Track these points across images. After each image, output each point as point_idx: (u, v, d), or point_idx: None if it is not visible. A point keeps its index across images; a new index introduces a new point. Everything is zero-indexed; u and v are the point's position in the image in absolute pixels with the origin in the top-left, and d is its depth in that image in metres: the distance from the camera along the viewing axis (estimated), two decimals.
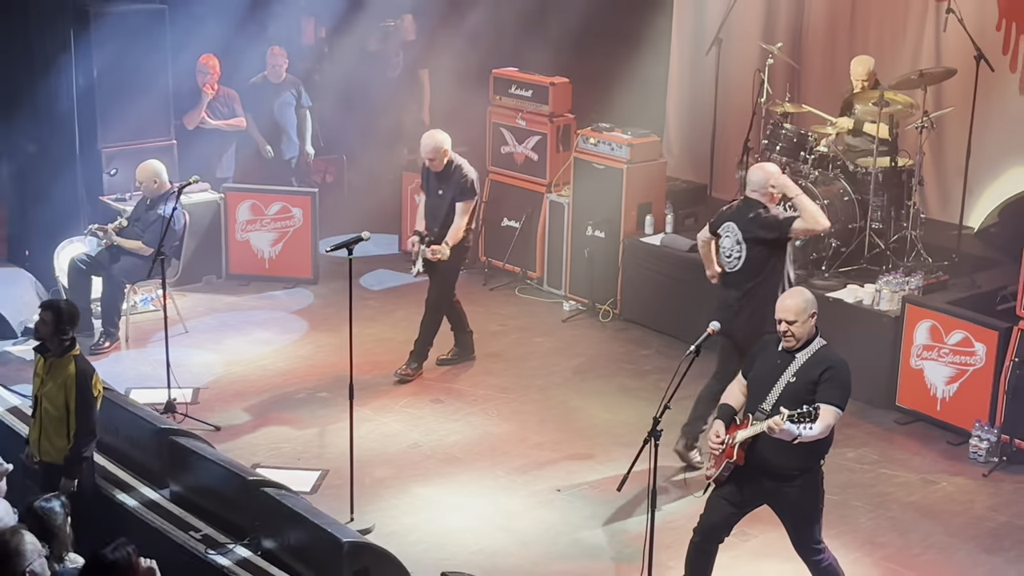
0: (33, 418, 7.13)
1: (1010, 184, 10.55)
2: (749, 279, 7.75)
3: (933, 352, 8.57)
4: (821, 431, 5.97)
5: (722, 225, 7.90)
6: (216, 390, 9.06)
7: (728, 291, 7.85)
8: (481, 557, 7.03)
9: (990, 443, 8.16)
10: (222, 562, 6.86)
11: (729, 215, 7.93)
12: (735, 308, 7.70)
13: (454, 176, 9.05)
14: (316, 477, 7.87)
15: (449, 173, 9.06)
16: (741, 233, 7.75)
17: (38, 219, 10.58)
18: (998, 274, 9.64)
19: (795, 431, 5.90)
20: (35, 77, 10.39)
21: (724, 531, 6.36)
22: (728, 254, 7.85)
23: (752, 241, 7.70)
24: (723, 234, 7.91)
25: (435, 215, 9.17)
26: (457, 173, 9.06)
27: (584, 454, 8.24)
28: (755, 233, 7.68)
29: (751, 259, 7.73)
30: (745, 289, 7.73)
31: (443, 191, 9.07)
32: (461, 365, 9.49)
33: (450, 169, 9.06)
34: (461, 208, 9.04)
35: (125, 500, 7.50)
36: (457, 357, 9.53)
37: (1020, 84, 10.49)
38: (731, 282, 7.85)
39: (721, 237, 7.92)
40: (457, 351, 9.55)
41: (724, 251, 7.90)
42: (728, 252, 7.85)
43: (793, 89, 11.01)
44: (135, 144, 10.76)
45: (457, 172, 9.06)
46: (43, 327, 6.98)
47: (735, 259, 7.81)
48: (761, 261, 7.72)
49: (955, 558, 7.18)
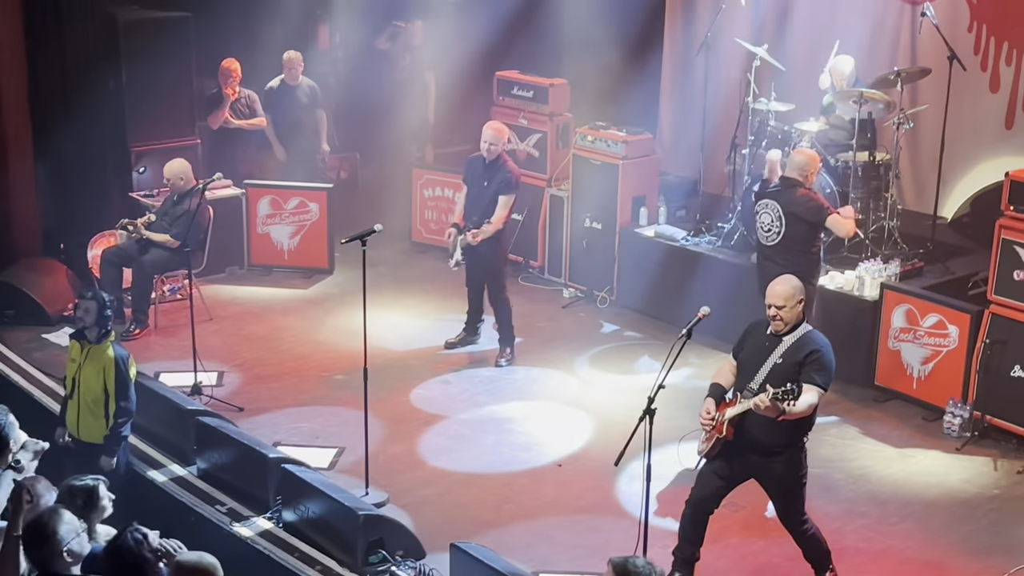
0: (70, 399, 7.14)
1: (981, 177, 10.52)
2: (787, 254, 8.04)
3: (909, 334, 8.56)
4: (804, 409, 5.97)
5: (760, 202, 8.18)
6: (239, 373, 9.07)
7: (768, 264, 8.09)
8: (488, 528, 7.04)
9: (963, 419, 8.16)
10: (246, 533, 6.89)
11: (765, 193, 8.30)
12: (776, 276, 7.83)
13: (501, 170, 9.01)
14: (333, 454, 7.87)
15: (498, 166, 9.02)
16: (781, 209, 8.04)
17: (72, 214, 10.58)
18: (970, 261, 9.63)
19: (780, 407, 5.91)
20: (68, 82, 10.40)
21: (714, 503, 6.37)
22: (768, 229, 8.11)
23: (791, 217, 8.03)
24: (761, 210, 8.17)
25: (477, 205, 9.10)
26: (504, 168, 9.03)
27: (583, 431, 8.24)
28: (795, 211, 8.03)
29: (789, 235, 8.06)
30: (783, 262, 7.95)
31: (488, 183, 9.02)
32: (468, 350, 9.48)
33: (499, 162, 9.03)
34: (503, 201, 8.98)
35: (155, 476, 7.53)
36: (462, 342, 9.49)
37: (991, 83, 10.46)
38: (770, 255, 8.15)
39: (759, 214, 8.18)
40: (464, 335, 9.52)
41: (763, 227, 8.16)
42: (768, 227, 8.10)
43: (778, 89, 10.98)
44: (162, 144, 10.75)
45: (504, 167, 9.04)
46: (87, 316, 7.00)
47: (774, 234, 8.11)
48: (798, 239, 8.07)
49: (930, 526, 7.19)
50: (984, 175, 10.45)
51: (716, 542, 6.63)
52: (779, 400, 5.87)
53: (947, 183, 10.26)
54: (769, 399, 5.89)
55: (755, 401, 5.97)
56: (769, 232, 8.16)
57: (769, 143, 9.68)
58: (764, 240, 8.23)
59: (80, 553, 4.88)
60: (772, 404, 5.89)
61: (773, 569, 6.71)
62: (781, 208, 8.11)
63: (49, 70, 10.33)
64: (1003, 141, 10.41)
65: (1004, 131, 10.45)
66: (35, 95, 10.40)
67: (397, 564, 6.43)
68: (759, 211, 8.25)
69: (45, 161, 10.57)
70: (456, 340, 9.50)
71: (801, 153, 8.46)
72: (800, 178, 8.15)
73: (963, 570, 6.74)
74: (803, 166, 8.21)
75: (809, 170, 8.21)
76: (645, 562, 4.66)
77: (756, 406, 5.96)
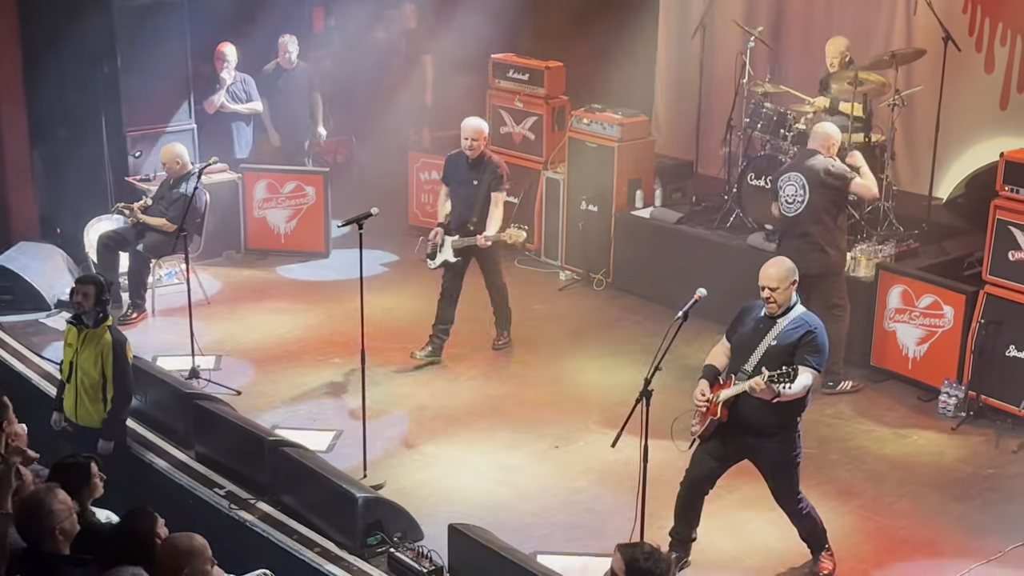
0: (67, 384, 7.14)
1: (976, 157, 10.52)
2: (813, 223, 8.11)
3: (905, 315, 8.57)
4: (799, 390, 5.99)
5: (782, 177, 8.27)
6: (237, 357, 9.06)
7: (790, 242, 8.15)
8: (485, 510, 7.05)
9: (958, 399, 8.17)
10: (244, 516, 6.90)
11: (788, 167, 8.39)
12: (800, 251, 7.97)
13: (489, 166, 8.73)
14: (331, 437, 7.88)
15: (483, 162, 8.74)
16: (804, 177, 8.13)
17: (68, 199, 10.57)
18: (965, 242, 9.63)
19: (776, 389, 5.92)
20: (64, 67, 10.37)
21: (708, 484, 6.38)
22: (791, 200, 8.18)
23: (816, 185, 8.10)
24: (784, 184, 8.25)
25: (471, 204, 8.75)
26: (492, 163, 8.75)
27: (580, 413, 8.25)
28: (820, 178, 8.10)
29: (812, 203, 8.13)
30: (807, 231, 8.09)
31: (478, 181, 8.72)
32: (465, 334, 9.47)
33: (484, 158, 8.75)
34: (497, 198, 8.74)
35: (154, 460, 7.54)
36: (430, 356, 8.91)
37: (985, 63, 10.45)
38: (793, 229, 8.22)
39: (783, 188, 8.25)
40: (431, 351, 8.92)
41: (787, 199, 8.23)
42: (791, 199, 8.19)
43: (773, 71, 10.96)
44: (158, 128, 10.74)
45: (492, 162, 8.76)
46: (86, 300, 6.99)
47: (797, 203, 8.19)
48: (823, 207, 8.12)
49: (925, 506, 7.21)
50: (979, 156, 10.45)
51: (712, 522, 6.65)
52: (775, 383, 5.88)
53: (942, 164, 10.25)
54: (764, 382, 5.90)
55: (750, 383, 5.98)
56: (792, 203, 8.21)
57: (765, 125, 9.67)
58: (788, 212, 8.27)
59: (71, 532, 4.90)
60: (767, 387, 5.91)
61: (769, 549, 6.73)
62: (804, 176, 8.18)
63: (44, 55, 10.30)
64: (998, 122, 10.40)
65: (999, 112, 10.44)
66: (30, 80, 10.37)
67: (395, 546, 6.45)
68: (783, 185, 8.30)
69: (41, 146, 10.55)
70: (425, 358, 8.84)
71: (823, 125, 8.56)
72: (822, 149, 8.26)
73: (958, 548, 6.76)
74: (825, 137, 8.31)
75: (831, 141, 8.32)
76: (653, 549, 4.66)
77: (752, 388, 5.97)
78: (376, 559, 6.47)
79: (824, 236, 8.17)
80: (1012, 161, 7.97)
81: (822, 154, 8.25)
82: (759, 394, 5.97)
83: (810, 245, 8.13)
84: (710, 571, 6.54)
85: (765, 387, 5.93)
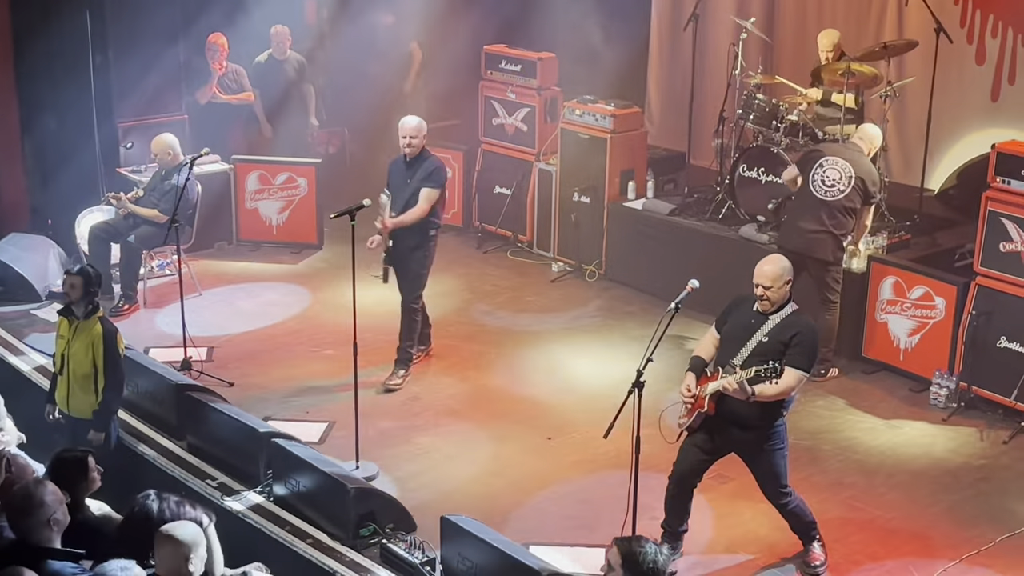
0: (59, 376, 7.13)
1: (968, 149, 10.53)
2: (837, 212, 8.23)
3: (896, 306, 8.58)
4: (780, 392, 5.98)
5: (826, 158, 8.34)
6: (229, 348, 9.05)
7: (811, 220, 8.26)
8: (478, 501, 7.05)
9: (949, 390, 8.18)
10: (236, 507, 6.89)
11: (834, 151, 8.44)
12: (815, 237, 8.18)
13: (424, 164, 8.21)
14: (323, 428, 7.87)
15: (421, 161, 8.22)
16: (853, 171, 8.23)
17: (59, 190, 10.52)
18: (957, 233, 9.64)
19: (750, 390, 5.91)
20: (54, 56, 10.30)
21: (696, 477, 6.38)
22: (832, 184, 8.25)
23: (859, 182, 8.23)
24: (828, 165, 8.31)
25: (404, 205, 8.18)
26: (430, 160, 8.24)
27: (572, 405, 8.25)
28: (864, 178, 8.23)
29: (848, 196, 8.24)
30: (828, 219, 8.21)
31: (411, 180, 8.21)
32: (457, 324, 9.48)
33: (423, 157, 8.24)
34: (425, 194, 8.14)
35: (146, 451, 7.53)
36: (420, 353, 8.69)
37: (977, 55, 10.46)
38: (818, 207, 8.27)
39: (825, 168, 8.31)
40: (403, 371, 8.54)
41: (827, 181, 8.28)
42: (832, 183, 8.25)
43: (765, 62, 10.96)
44: (149, 119, 10.71)
45: (430, 159, 8.25)
46: (73, 291, 6.98)
47: (837, 191, 8.26)
48: (851, 206, 8.27)
49: (916, 496, 7.22)
50: (971, 147, 10.46)
51: (704, 513, 6.66)
52: (761, 378, 5.87)
53: (934, 155, 10.27)
54: (737, 382, 5.90)
55: (723, 384, 5.99)
56: (833, 187, 8.27)
57: (757, 116, 9.67)
58: (822, 194, 8.30)
59: (63, 523, 4.89)
60: (740, 388, 5.91)
61: (761, 539, 6.74)
62: (853, 169, 8.26)
63: (35, 45, 10.25)
64: (989, 113, 10.42)
65: (990, 103, 10.46)
66: (21, 70, 10.33)
67: (388, 537, 6.44)
68: (825, 166, 8.33)
69: (32, 137, 10.51)
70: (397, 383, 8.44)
71: (872, 127, 8.64)
72: (864, 147, 8.38)
73: (949, 539, 6.77)
74: (871, 137, 8.44)
75: (874, 143, 8.45)
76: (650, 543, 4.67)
77: (724, 388, 5.98)
78: (368, 550, 6.46)
79: (840, 228, 8.31)
80: (1004, 153, 7.97)
81: (864, 156, 8.37)
82: (732, 394, 5.97)
83: (827, 233, 8.27)
84: (702, 562, 6.54)
85: (738, 388, 5.93)
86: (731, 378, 5.97)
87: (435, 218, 8.32)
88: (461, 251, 10.95)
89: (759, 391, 5.95)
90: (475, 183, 11.23)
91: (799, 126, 9.61)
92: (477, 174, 11.21)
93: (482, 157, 11.22)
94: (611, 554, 4.65)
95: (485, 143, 11.24)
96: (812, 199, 8.34)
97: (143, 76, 10.57)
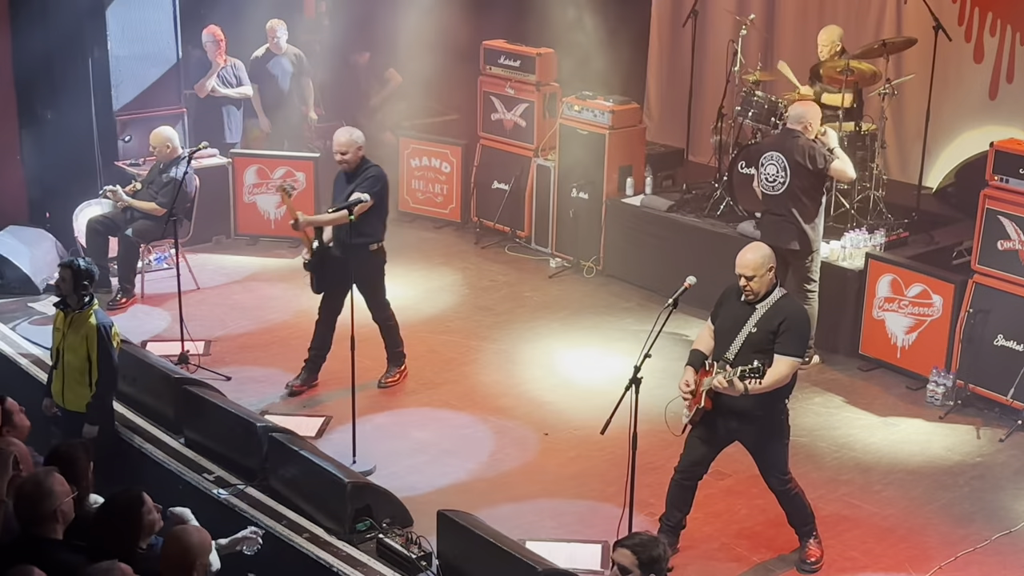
0: (55, 369, 7.12)
1: (966, 147, 10.53)
2: (792, 203, 8.19)
3: (894, 304, 8.58)
4: (773, 383, 5.97)
5: (764, 155, 8.34)
6: (226, 342, 9.04)
7: (770, 219, 8.32)
8: (474, 496, 7.05)
9: (946, 388, 8.19)
10: (233, 502, 6.89)
11: (769, 145, 8.44)
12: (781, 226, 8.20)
13: (365, 172, 7.89)
14: (320, 423, 7.87)
15: (361, 171, 7.89)
16: (786, 158, 8.18)
17: (57, 183, 10.52)
18: (954, 231, 9.65)
19: (741, 386, 5.91)
20: (52, 49, 10.30)
21: (702, 468, 6.39)
22: (772, 179, 8.26)
23: (796, 166, 8.16)
24: (766, 163, 8.31)
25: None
26: (369, 170, 7.90)
27: (569, 400, 8.25)
28: (800, 159, 8.14)
29: (794, 184, 8.19)
30: (788, 210, 8.18)
31: (351, 188, 7.88)
32: (457, 321, 9.47)
33: (363, 167, 7.90)
34: (358, 196, 7.72)
35: (143, 445, 7.52)
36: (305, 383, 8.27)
37: (975, 53, 10.46)
38: (773, 207, 8.31)
39: (764, 166, 8.31)
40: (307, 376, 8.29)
41: (768, 178, 8.29)
42: (772, 178, 8.25)
43: (765, 59, 10.95)
44: (148, 112, 10.70)
45: (370, 169, 7.91)
46: (63, 284, 6.98)
47: (779, 183, 8.26)
48: (803, 188, 8.19)
49: (912, 494, 7.22)
50: (969, 145, 10.47)
51: (701, 509, 6.66)
52: (745, 378, 5.88)
53: (932, 153, 10.27)
54: (727, 380, 5.91)
55: (714, 382, 5.99)
56: (774, 182, 8.27)
57: (756, 113, 9.66)
58: (769, 190, 8.32)
59: (69, 515, 4.90)
60: (730, 385, 5.90)
61: (757, 535, 6.75)
62: (785, 157, 8.22)
63: (33, 38, 10.24)
64: (987, 111, 10.42)
65: (988, 101, 10.46)
66: (19, 63, 10.31)
67: (384, 532, 6.45)
68: (764, 163, 8.35)
69: (30, 130, 10.50)
70: (300, 385, 8.25)
71: (800, 104, 8.58)
72: (800, 128, 8.27)
73: (945, 537, 6.78)
74: (802, 116, 8.33)
75: (808, 119, 8.31)
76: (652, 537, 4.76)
77: (715, 387, 5.99)
78: (365, 545, 6.46)
79: (804, 215, 8.27)
80: (1002, 151, 7.97)
81: (802, 134, 8.27)
82: (723, 391, 5.98)
83: (790, 223, 8.25)
84: (699, 558, 6.55)
85: (728, 386, 5.93)
86: (719, 377, 5.97)
87: (371, 230, 7.90)
88: (459, 246, 10.95)
89: (752, 386, 5.94)
90: (473, 178, 11.22)
91: None
92: (475, 169, 11.21)
93: (480, 152, 11.22)
94: (621, 556, 4.66)
95: (483, 138, 11.23)
96: (768, 199, 8.40)
97: (142, 69, 10.56)
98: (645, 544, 4.68)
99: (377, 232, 7.98)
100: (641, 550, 4.66)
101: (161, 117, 10.58)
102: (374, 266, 8.04)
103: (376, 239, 7.98)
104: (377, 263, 8.05)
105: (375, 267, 8.05)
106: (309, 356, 8.31)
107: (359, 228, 7.70)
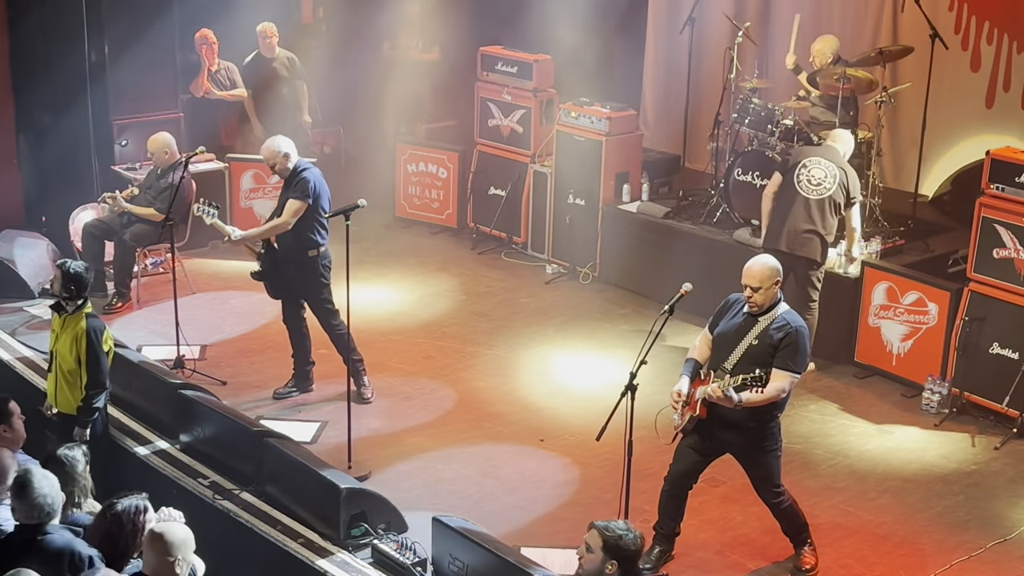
0: (50, 372, 7.11)
1: (962, 155, 10.55)
2: (822, 212, 8.27)
3: (889, 311, 8.59)
4: (770, 396, 5.97)
5: (809, 158, 8.41)
6: (222, 347, 9.03)
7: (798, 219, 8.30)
8: (470, 502, 7.05)
9: (941, 396, 8.19)
10: (229, 507, 6.88)
11: (813, 152, 8.52)
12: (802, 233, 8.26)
13: (298, 177, 7.84)
14: (316, 428, 7.86)
15: (295, 176, 7.85)
16: (837, 173, 8.32)
17: (54, 187, 10.51)
18: (950, 239, 9.67)
19: (735, 398, 5.90)
20: (50, 53, 10.30)
21: (691, 478, 6.38)
22: (818, 183, 8.31)
23: (840, 185, 8.29)
24: (813, 165, 8.37)
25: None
26: (300, 174, 7.84)
27: (565, 406, 8.25)
28: (846, 182, 8.30)
29: (832, 197, 8.29)
30: (816, 218, 8.27)
31: (284, 198, 7.92)
32: (453, 327, 9.46)
33: (295, 174, 7.85)
34: (289, 206, 7.74)
35: (138, 450, 7.51)
36: (291, 392, 8.24)
37: (971, 62, 10.47)
38: (804, 206, 8.31)
39: (809, 168, 8.37)
40: (295, 384, 8.27)
41: (812, 180, 8.33)
42: (817, 182, 8.31)
43: (761, 66, 10.96)
44: (144, 117, 10.70)
45: (301, 174, 7.85)
46: (54, 284, 7.06)
47: (825, 188, 8.31)
48: (834, 203, 8.30)
49: (908, 502, 7.22)
50: (965, 154, 10.48)
51: (696, 516, 6.66)
52: (747, 386, 5.87)
53: (928, 161, 10.29)
54: (722, 390, 5.90)
55: (707, 391, 5.98)
56: (819, 185, 8.32)
57: (752, 120, 9.68)
58: (807, 192, 8.35)
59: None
60: (724, 396, 5.90)
61: (752, 543, 6.74)
62: (837, 172, 8.33)
63: (31, 42, 10.24)
64: (984, 120, 10.44)
65: (985, 110, 10.48)
66: (16, 67, 10.31)
67: (379, 537, 6.43)
68: (809, 166, 8.39)
69: (27, 134, 10.49)
70: (285, 390, 8.23)
71: (845, 131, 8.69)
72: (842, 151, 8.47)
73: (940, 545, 6.78)
74: (846, 142, 8.52)
75: (847, 147, 8.54)
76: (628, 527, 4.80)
77: (708, 396, 5.98)
78: (360, 550, 6.45)
79: (826, 228, 8.33)
80: (998, 159, 7.98)
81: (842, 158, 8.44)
82: (717, 402, 5.97)
83: (815, 233, 8.30)
84: (693, 565, 6.55)
85: (723, 396, 5.92)
86: (715, 386, 5.96)
87: (313, 235, 7.83)
88: (455, 252, 10.95)
89: (746, 398, 5.94)
90: (470, 184, 11.22)
91: (794, 131, 9.62)
92: (472, 175, 11.21)
93: (477, 158, 11.22)
94: (590, 536, 4.75)
95: (480, 144, 11.24)
96: (799, 199, 8.36)
97: (139, 74, 10.56)
98: (615, 532, 4.73)
99: (313, 239, 7.88)
100: (609, 535, 4.73)
101: (157, 122, 10.57)
102: (311, 273, 7.92)
103: (311, 246, 7.89)
104: (314, 269, 7.92)
105: (312, 274, 7.93)
106: (294, 365, 8.28)
107: (295, 235, 7.76)
